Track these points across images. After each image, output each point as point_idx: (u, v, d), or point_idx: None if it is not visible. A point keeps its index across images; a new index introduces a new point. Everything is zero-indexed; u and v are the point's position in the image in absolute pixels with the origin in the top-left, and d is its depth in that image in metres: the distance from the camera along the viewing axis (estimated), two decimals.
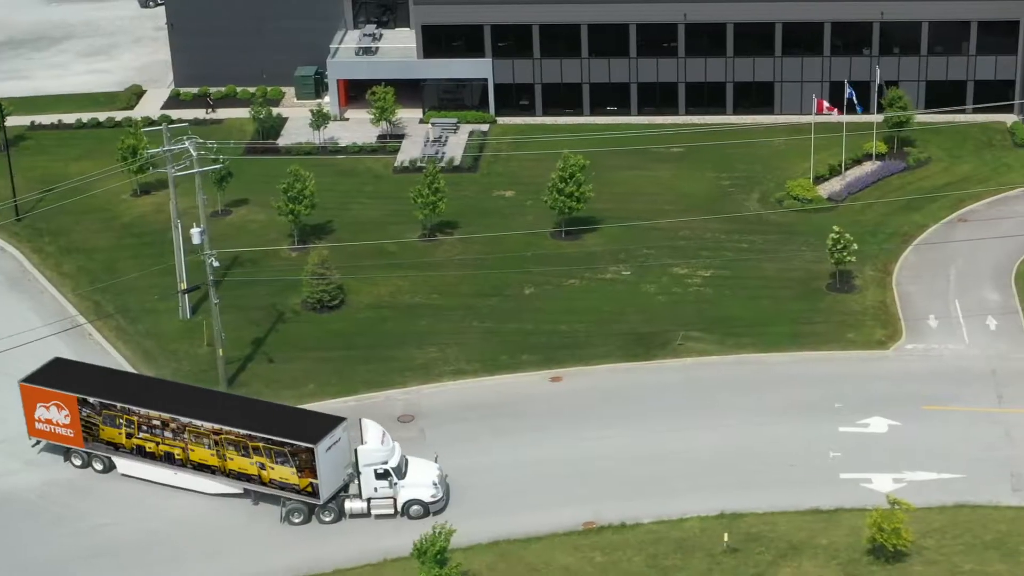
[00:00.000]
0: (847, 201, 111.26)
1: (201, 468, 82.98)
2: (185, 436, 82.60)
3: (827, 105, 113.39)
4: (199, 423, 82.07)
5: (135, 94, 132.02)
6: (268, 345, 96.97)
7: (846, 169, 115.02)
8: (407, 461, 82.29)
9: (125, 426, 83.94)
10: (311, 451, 79.99)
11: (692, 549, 78.02)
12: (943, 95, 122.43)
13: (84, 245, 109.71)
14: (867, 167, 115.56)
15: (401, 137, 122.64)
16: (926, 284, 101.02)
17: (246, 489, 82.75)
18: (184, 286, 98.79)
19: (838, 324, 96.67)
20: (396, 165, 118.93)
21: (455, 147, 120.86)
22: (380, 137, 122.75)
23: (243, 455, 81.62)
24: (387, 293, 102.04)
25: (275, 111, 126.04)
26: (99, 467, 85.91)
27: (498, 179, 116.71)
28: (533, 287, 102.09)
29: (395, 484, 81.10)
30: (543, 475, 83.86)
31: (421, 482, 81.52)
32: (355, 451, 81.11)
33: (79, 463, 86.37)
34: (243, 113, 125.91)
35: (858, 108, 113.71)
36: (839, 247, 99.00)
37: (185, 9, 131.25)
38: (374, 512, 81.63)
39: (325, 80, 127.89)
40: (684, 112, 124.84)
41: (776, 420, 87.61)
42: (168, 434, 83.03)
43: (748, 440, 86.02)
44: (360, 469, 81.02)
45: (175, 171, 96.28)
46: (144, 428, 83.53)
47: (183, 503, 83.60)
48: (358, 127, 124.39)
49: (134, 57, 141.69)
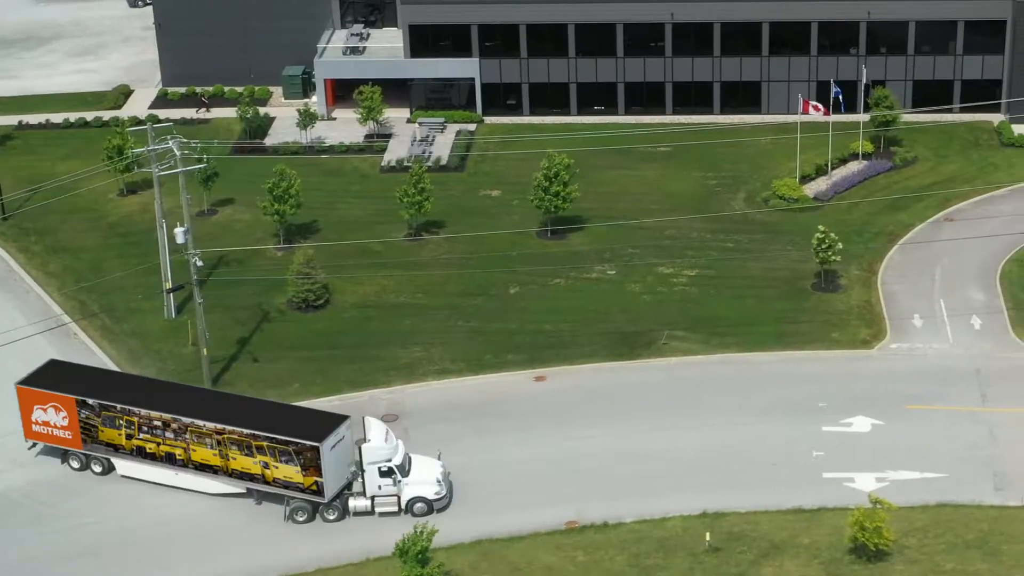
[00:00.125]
0: (833, 200, 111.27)
1: (203, 468, 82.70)
2: (187, 436, 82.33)
3: (813, 104, 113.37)
4: (201, 423, 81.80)
5: (123, 94, 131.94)
6: (253, 344, 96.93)
7: (832, 168, 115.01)
8: (410, 459, 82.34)
9: (125, 427, 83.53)
10: (316, 449, 79.82)
11: (674, 548, 78.00)
12: (930, 94, 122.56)
13: (70, 244, 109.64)
14: (853, 166, 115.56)
15: (388, 137, 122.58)
16: (911, 283, 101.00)
17: (249, 489, 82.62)
18: (169, 285, 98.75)
19: (823, 323, 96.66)
20: (383, 165, 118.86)
21: (442, 147, 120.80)
22: (367, 137, 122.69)
23: (246, 454, 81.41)
24: (372, 292, 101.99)
25: (262, 111, 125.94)
26: (98, 469, 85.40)
27: (485, 179, 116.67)
28: (518, 286, 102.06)
29: (399, 482, 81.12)
30: (526, 474, 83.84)
31: (425, 479, 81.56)
32: (359, 449, 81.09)
33: (77, 465, 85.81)
34: (231, 113, 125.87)
35: (840, 100, 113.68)
36: (824, 246, 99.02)
37: (173, 9, 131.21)
38: (378, 510, 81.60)
39: (312, 80, 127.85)
40: (671, 112, 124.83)
41: (760, 419, 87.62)
42: (169, 434, 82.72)
43: (731, 440, 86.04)
44: (364, 467, 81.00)
45: (159, 170, 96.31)
46: (145, 429, 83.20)
47: (167, 503, 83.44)
48: (345, 127, 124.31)
49: (122, 57, 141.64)
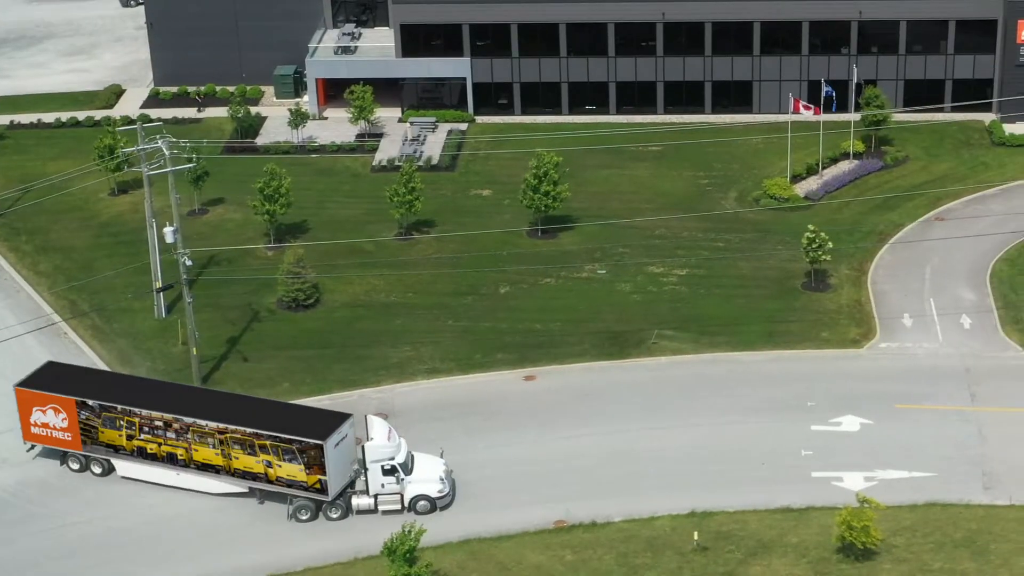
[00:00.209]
0: (824, 200, 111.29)
1: (205, 468, 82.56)
2: (189, 436, 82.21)
3: (803, 104, 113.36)
4: (204, 423, 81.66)
5: (115, 93, 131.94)
6: (243, 344, 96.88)
7: (823, 168, 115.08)
8: (413, 457, 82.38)
9: (126, 428, 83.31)
10: (320, 448, 79.74)
11: (662, 548, 77.96)
12: (921, 94, 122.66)
13: (61, 244, 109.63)
14: (844, 166, 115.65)
15: (380, 136, 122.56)
16: (901, 283, 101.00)
17: (251, 488, 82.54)
18: (159, 285, 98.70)
19: (812, 323, 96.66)
20: (374, 164, 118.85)
21: (433, 146, 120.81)
22: (359, 136, 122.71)
23: (249, 454, 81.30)
24: (362, 292, 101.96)
25: (254, 110, 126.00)
26: (98, 470, 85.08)
27: (476, 178, 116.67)
28: (508, 286, 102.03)
29: (402, 480, 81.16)
30: (515, 474, 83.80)
31: (428, 477, 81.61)
32: (362, 447, 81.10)
33: (76, 467, 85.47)
34: (222, 112, 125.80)
35: (833, 98, 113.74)
36: (814, 246, 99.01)
37: (165, 8, 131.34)
38: (381, 508, 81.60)
39: (304, 79, 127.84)
40: (663, 111, 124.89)
41: (749, 419, 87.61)
42: (171, 435, 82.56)
43: (720, 439, 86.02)
44: (367, 465, 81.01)
45: (149, 170, 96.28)
46: (146, 429, 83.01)
47: (156, 502, 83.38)
48: (337, 126, 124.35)
49: (115, 56, 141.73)
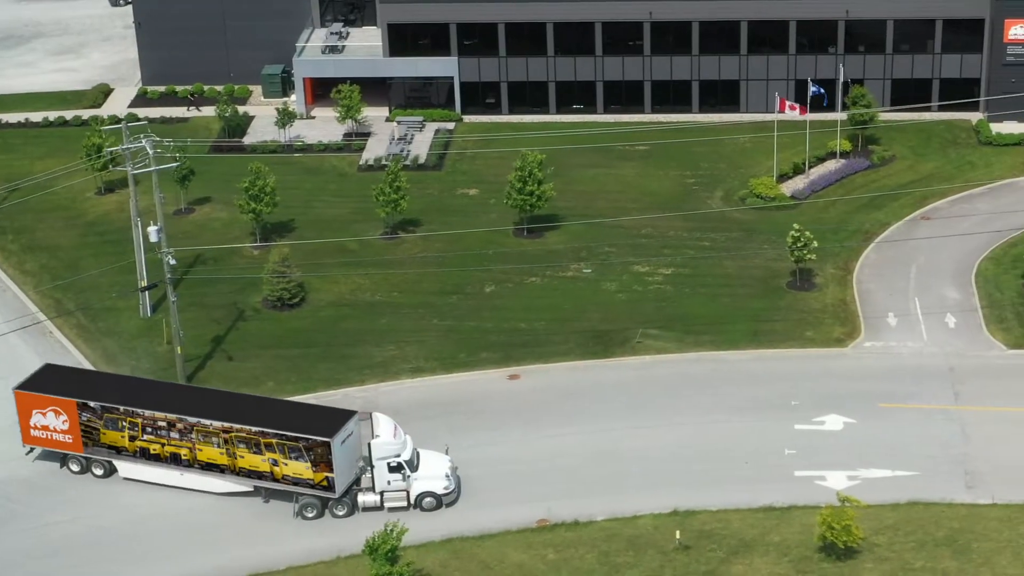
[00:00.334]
0: (810, 199, 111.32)
1: (209, 468, 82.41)
2: (193, 436, 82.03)
3: (790, 104, 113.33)
4: (208, 422, 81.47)
5: (102, 92, 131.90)
6: (228, 343, 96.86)
7: (810, 167, 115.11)
8: (419, 454, 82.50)
9: (128, 429, 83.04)
10: (327, 445, 79.71)
11: (644, 546, 78.00)
12: (908, 93, 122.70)
13: (47, 243, 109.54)
14: (831, 165, 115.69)
15: (367, 135, 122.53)
16: (886, 282, 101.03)
17: (256, 487, 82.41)
18: (144, 284, 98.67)
19: (797, 322, 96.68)
20: (361, 163, 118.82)
21: (420, 145, 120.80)
22: (346, 135, 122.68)
23: (254, 452, 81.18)
24: (348, 291, 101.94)
25: (241, 109, 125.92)
26: (99, 472, 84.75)
27: (462, 177, 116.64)
28: (494, 285, 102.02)
29: (408, 477, 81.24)
30: (498, 473, 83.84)
31: (433, 474, 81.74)
32: (368, 445, 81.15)
33: (77, 469, 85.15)
34: (210, 111, 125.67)
35: (823, 95, 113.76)
36: (799, 245, 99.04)
37: (153, 8, 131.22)
38: (387, 505, 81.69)
39: (292, 78, 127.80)
40: (650, 110, 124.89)
41: (732, 418, 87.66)
42: (175, 435, 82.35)
43: (704, 438, 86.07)
44: (373, 463, 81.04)
45: (134, 169, 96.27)
46: (149, 430, 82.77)
47: (140, 502, 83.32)
48: (324, 125, 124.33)
49: (103, 56, 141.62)
